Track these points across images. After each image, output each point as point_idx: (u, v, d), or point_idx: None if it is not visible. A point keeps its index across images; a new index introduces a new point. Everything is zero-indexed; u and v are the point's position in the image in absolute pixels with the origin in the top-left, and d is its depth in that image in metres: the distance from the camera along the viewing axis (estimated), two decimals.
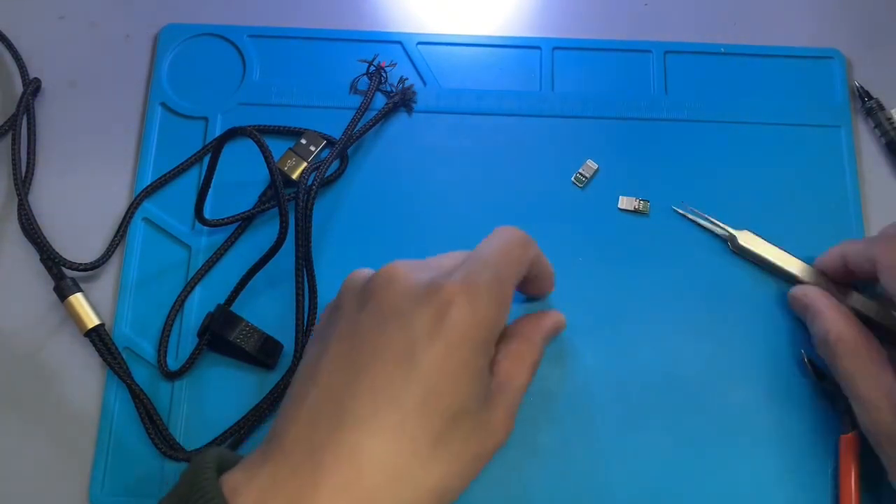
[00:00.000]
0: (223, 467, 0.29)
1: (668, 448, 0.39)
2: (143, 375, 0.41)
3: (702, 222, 0.43)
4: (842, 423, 0.39)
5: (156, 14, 0.49)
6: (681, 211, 0.43)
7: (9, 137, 0.45)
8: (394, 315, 0.30)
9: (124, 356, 0.41)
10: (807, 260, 0.42)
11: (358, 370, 0.29)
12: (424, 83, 0.47)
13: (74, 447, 0.40)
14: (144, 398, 0.39)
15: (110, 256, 0.43)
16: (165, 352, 0.41)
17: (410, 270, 0.32)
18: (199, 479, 0.28)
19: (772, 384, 0.40)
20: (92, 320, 0.41)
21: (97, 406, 0.41)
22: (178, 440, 0.39)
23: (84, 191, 0.45)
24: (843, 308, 0.38)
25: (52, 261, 0.42)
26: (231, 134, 0.39)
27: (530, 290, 0.39)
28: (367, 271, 0.33)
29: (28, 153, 0.45)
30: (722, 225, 0.42)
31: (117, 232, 0.43)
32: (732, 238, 0.42)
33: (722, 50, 0.47)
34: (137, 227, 0.44)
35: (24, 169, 0.44)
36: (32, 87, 0.46)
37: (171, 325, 0.41)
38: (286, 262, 0.41)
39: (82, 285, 0.42)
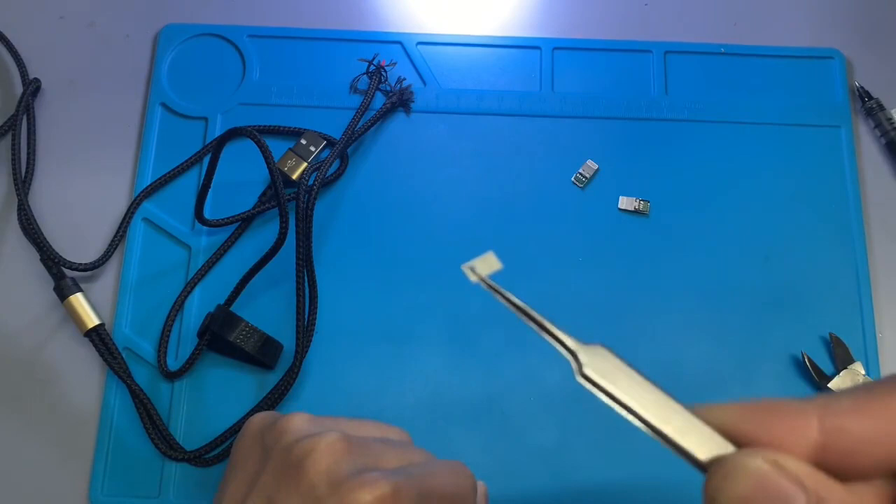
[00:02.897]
0: None
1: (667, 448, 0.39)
2: (143, 375, 0.41)
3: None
4: None
5: (156, 14, 0.49)
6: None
7: (9, 137, 0.45)
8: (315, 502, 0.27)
9: (124, 356, 0.41)
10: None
11: None
12: (424, 83, 0.47)
13: (74, 447, 0.40)
14: (144, 398, 0.39)
15: (110, 256, 0.43)
16: (165, 352, 0.41)
17: (347, 448, 0.28)
18: None
19: (772, 384, 0.40)
20: (92, 320, 0.41)
21: (97, 406, 0.41)
22: (178, 440, 0.39)
23: (84, 191, 0.45)
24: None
25: (52, 261, 0.42)
26: (231, 134, 0.39)
27: None
28: (302, 429, 0.29)
29: (28, 153, 0.45)
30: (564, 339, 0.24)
31: (117, 232, 0.43)
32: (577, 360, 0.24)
33: (722, 50, 0.47)
34: (137, 228, 0.44)
35: (24, 169, 0.44)
36: (32, 87, 0.46)
37: (171, 325, 0.41)
38: (286, 262, 0.41)
39: (82, 285, 0.42)
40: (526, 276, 0.42)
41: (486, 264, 0.22)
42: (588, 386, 0.21)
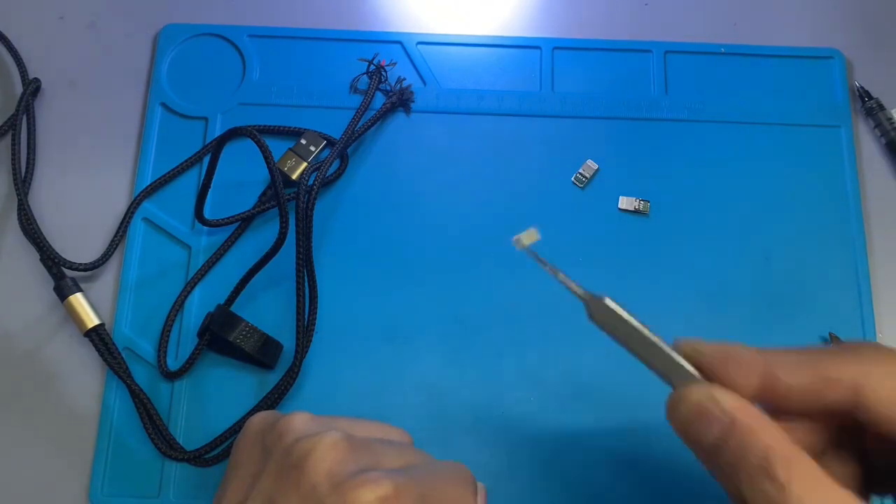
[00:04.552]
0: None
1: (668, 448, 0.39)
2: (143, 375, 0.41)
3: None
4: None
5: (156, 14, 0.49)
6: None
7: (9, 137, 0.45)
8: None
9: (124, 356, 0.41)
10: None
11: None
12: (424, 83, 0.47)
13: (74, 447, 0.40)
14: (144, 398, 0.39)
15: (110, 256, 0.43)
16: (165, 352, 0.41)
17: (349, 448, 0.28)
18: None
19: None
20: (92, 320, 0.41)
21: (97, 406, 0.41)
22: (178, 440, 0.39)
23: (84, 191, 0.45)
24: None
25: (52, 261, 0.42)
26: (231, 134, 0.39)
27: None
28: (301, 429, 0.29)
29: (28, 153, 0.45)
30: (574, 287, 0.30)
31: (117, 232, 0.43)
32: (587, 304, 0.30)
33: (722, 50, 0.47)
34: (137, 227, 0.44)
35: (24, 169, 0.44)
36: (32, 87, 0.46)
37: (171, 325, 0.41)
38: (286, 262, 0.41)
39: (82, 285, 0.42)
40: (526, 276, 0.42)
41: (529, 236, 0.29)
42: (600, 321, 0.29)
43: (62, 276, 0.42)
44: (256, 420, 0.31)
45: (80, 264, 0.42)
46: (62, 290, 0.41)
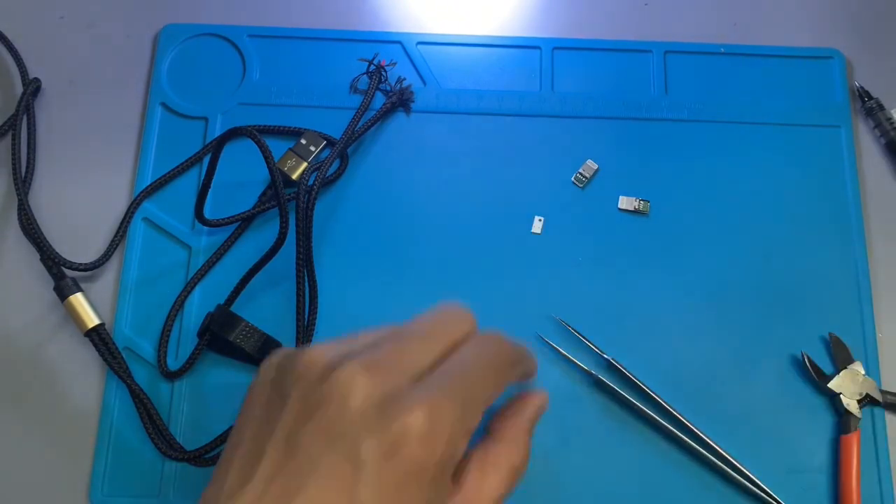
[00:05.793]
0: None
1: (668, 448, 0.39)
2: (143, 375, 0.41)
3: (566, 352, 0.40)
4: (842, 423, 0.39)
5: (156, 14, 0.49)
6: (548, 340, 0.40)
7: (9, 137, 0.45)
8: (341, 437, 0.26)
9: (124, 356, 0.41)
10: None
11: (297, 488, 0.26)
12: (424, 83, 0.47)
13: (74, 447, 0.40)
14: (144, 398, 0.39)
15: (110, 256, 0.43)
16: (165, 352, 0.41)
17: (369, 376, 0.27)
18: None
19: (772, 384, 0.40)
20: (92, 320, 0.41)
21: (97, 406, 0.41)
22: (178, 440, 0.39)
23: (84, 191, 0.45)
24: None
25: (52, 261, 0.42)
26: (231, 134, 0.39)
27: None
28: (320, 364, 0.28)
29: (28, 153, 0.45)
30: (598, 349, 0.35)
31: (117, 232, 0.43)
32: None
33: (722, 50, 0.47)
34: (137, 227, 0.44)
35: (24, 169, 0.44)
36: (32, 87, 0.46)
37: (171, 325, 0.41)
38: (286, 262, 0.41)
39: (82, 285, 0.42)
40: (526, 276, 0.42)
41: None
42: None
43: (62, 276, 0.42)
44: (272, 361, 0.30)
45: (80, 264, 0.42)
46: (62, 290, 0.41)
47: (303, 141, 0.44)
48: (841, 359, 0.40)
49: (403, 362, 0.28)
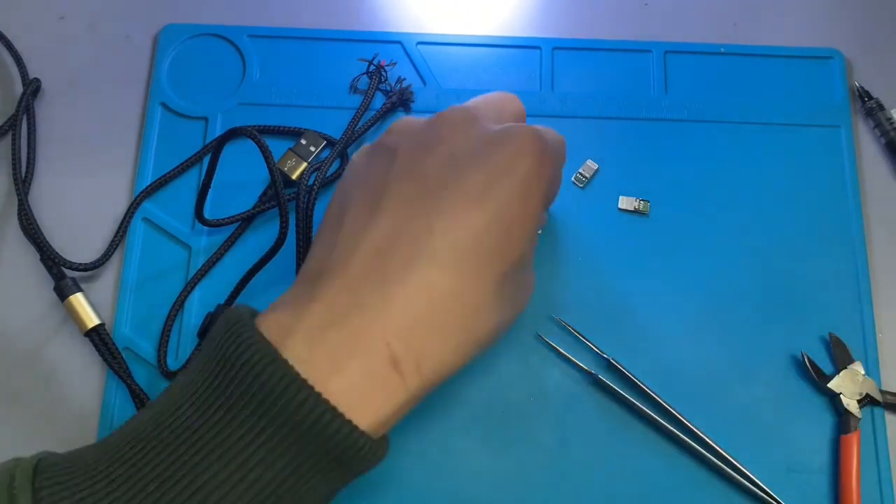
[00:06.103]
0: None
1: (668, 448, 0.39)
2: (143, 375, 0.41)
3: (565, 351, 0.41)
4: (842, 423, 0.39)
5: (156, 14, 0.49)
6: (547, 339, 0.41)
7: (9, 137, 0.45)
8: (470, 156, 0.29)
9: (124, 356, 0.41)
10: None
11: (430, 210, 0.28)
12: (424, 83, 0.47)
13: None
14: (145, 398, 0.39)
15: (110, 256, 0.43)
16: (165, 352, 0.41)
17: (477, 117, 0.31)
18: (233, 328, 0.27)
19: (772, 384, 0.40)
20: (92, 320, 0.41)
21: (97, 406, 0.41)
22: None
23: (84, 191, 0.45)
24: None
25: (52, 261, 0.42)
26: (231, 134, 0.39)
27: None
28: (419, 120, 0.32)
29: (28, 153, 0.45)
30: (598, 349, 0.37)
31: (117, 232, 0.43)
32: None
33: (722, 50, 0.47)
34: (137, 227, 0.44)
35: (24, 169, 0.44)
36: (32, 87, 0.46)
37: (171, 325, 0.41)
38: (286, 262, 0.41)
39: (82, 285, 0.42)
40: None
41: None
42: None
43: (62, 276, 0.42)
44: (363, 149, 0.33)
45: (80, 264, 0.42)
46: (62, 290, 0.41)
47: (303, 141, 0.44)
48: (841, 359, 0.40)
49: (493, 112, 0.32)
